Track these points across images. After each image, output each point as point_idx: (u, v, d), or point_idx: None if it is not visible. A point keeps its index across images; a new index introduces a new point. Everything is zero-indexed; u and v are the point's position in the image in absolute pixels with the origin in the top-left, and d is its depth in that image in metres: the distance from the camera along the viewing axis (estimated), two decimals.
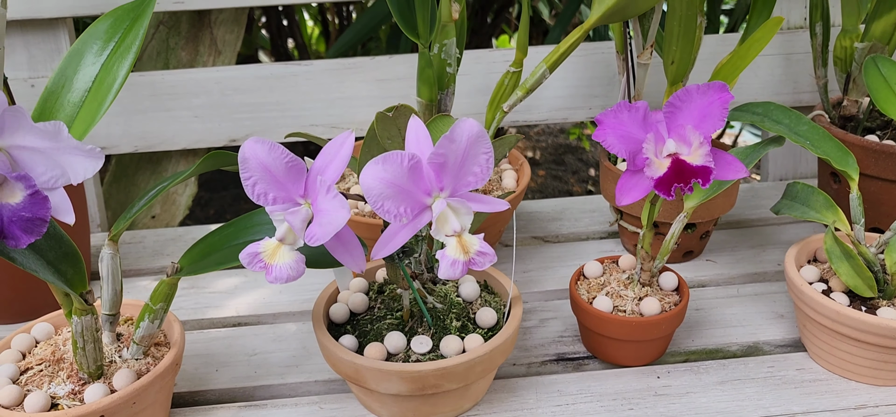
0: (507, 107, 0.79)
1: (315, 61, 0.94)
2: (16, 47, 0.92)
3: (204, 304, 0.80)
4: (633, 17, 0.77)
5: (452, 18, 0.75)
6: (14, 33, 0.91)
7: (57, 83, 0.57)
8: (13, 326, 0.77)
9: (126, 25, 0.59)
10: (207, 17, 0.98)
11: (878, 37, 0.76)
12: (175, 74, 0.93)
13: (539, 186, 2.23)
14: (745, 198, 0.97)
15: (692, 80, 0.91)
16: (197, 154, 1.00)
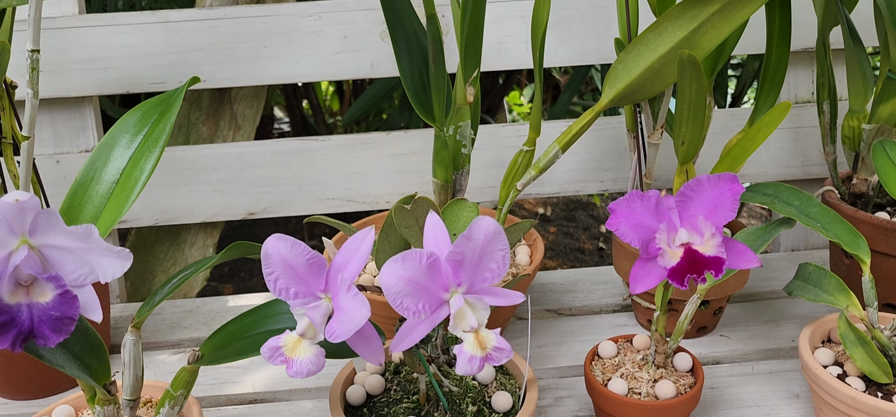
0: (520, 186, 0.80)
1: (332, 137, 0.97)
2: (43, 124, 0.94)
3: (221, 379, 0.81)
4: (643, 100, 0.79)
5: (467, 101, 0.78)
6: (41, 111, 0.94)
7: (86, 175, 0.60)
8: (33, 403, 0.78)
9: (154, 119, 0.61)
10: (228, 93, 1.01)
11: (885, 119, 0.77)
12: (195, 150, 0.96)
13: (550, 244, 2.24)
14: (757, 271, 0.97)
15: (702, 159, 0.93)
16: (216, 226, 1.02)
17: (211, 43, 0.93)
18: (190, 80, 0.63)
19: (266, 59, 0.94)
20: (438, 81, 0.73)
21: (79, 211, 0.58)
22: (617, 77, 0.75)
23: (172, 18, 0.93)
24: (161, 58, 0.93)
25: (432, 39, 0.69)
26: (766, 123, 0.73)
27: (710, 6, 0.68)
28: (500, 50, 0.96)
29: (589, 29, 0.96)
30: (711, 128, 0.95)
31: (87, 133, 0.96)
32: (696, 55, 0.69)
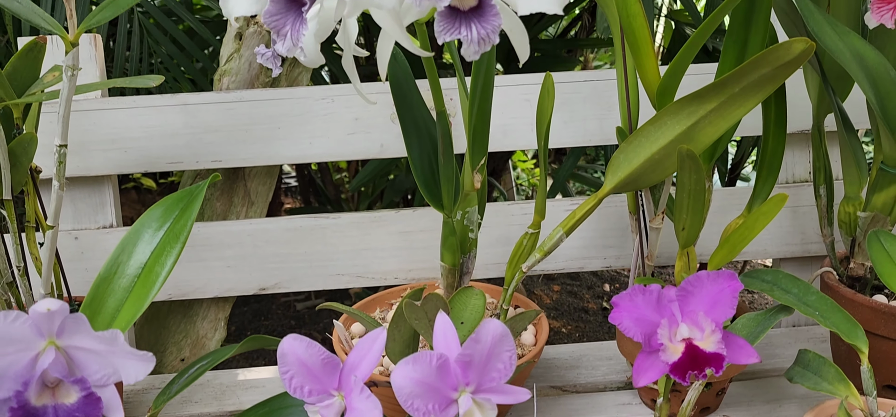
0: (526, 268, 0.82)
1: (342, 214, 1.00)
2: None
3: None
4: (644, 188, 0.81)
5: (475, 188, 0.80)
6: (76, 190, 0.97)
7: (110, 269, 0.62)
8: None
9: (176, 215, 0.64)
10: (242, 170, 1.04)
11: (879, 208, 0.79)
12: (210, 226, 0.98)
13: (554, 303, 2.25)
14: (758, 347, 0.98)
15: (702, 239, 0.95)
16: (228, 300, 1.04)
17: (227, 124, 0.97)
18: (212, 177, 0.66)
19: (280, 139, 0.97)
20: (447, 172, 0.75)
21: (101, 304, 0.61)
22: (619, 166, 0.78)
23: (191, 101, 0.96)
24: (179, 138, 0.97)
25: (442, 133, 0.72)
26: (763, 213, 0.76)
27: (707, 104, 0.71)
28: (505, 131, 0.99)
29: (591, 112, 0.99)
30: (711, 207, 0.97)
31: (105, 210, 0.99)
32: (694, 149, 0.72)
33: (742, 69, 0.67)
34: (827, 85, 0.81)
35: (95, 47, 0.94)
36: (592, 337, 2.00)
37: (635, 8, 0.73)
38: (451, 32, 0.52)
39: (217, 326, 1.03)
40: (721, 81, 0.69)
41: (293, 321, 2.07)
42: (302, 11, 0.52)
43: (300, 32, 0.52)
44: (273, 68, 0.57)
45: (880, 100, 0.75)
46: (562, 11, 0.53)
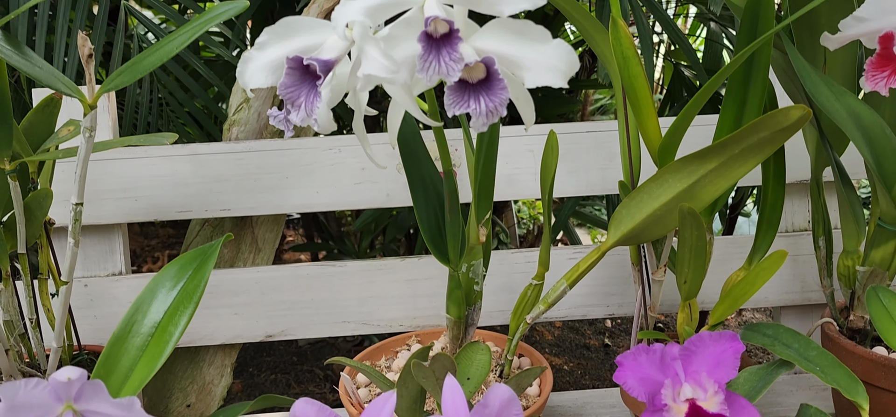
0: (530, 320, 0.84)
1: (349, 262, 1.01)
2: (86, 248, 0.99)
3: None
4: (646, 242, 0.83)
5: (480, 241, 0.82)
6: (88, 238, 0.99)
7: (124, 329, 0.63)
8: None
9: (189, 274, 0.65)
10: (249, 217, 1.06)
11: (877, 263, 0.81)
12: (218, 274, 1.00)
13: (556, 340, 2.25)
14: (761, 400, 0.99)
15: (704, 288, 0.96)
16: (234, 347, 1.05)
17: (236, 174, 0.99)
18: (225, 237, 0.68)
19: (288, 188, 0.99)
20: (454, 228, 0.77)
21: (115, 364, 0.62)
22: (622, 220, 0.79)
23: (201, 151, 0.98)
24: (189, 187, 0.98)
25: (449, 192, 0.74)
26: (763, 268, 0.77)
27: (708, 164, 0.72)
28: (510, 181, 1.01)
29: (593, 162, 1.01)
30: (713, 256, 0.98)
31: (115, 257, 1.00)
32: (695, 207, 0.74)
33: (742, 132, 0.69)
34: (824, 140, 0.83)
35: (109, 103, 0.96)
36: (594, 375, 2.01)
37: (636, 69, 0.75)
38: (460, 106, 0.53)
39: (223, 372, 1.04)
40: (721, 143, 0.70)
41: (295, 357, 2.07)
42: (316, 85, 0.54)
43: (314, 105, 0.54)
44: (285, 131, 0.59)
45: (877, 160, 0.76)
46: (567, 85, 0.55)
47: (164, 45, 0.66)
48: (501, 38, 0.55)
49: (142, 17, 1.25)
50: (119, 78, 0.66)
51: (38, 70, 0.65)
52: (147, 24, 1.25)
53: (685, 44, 1.43)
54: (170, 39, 0.66)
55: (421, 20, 0.53)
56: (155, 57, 0.66)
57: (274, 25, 0.56)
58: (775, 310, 1.08)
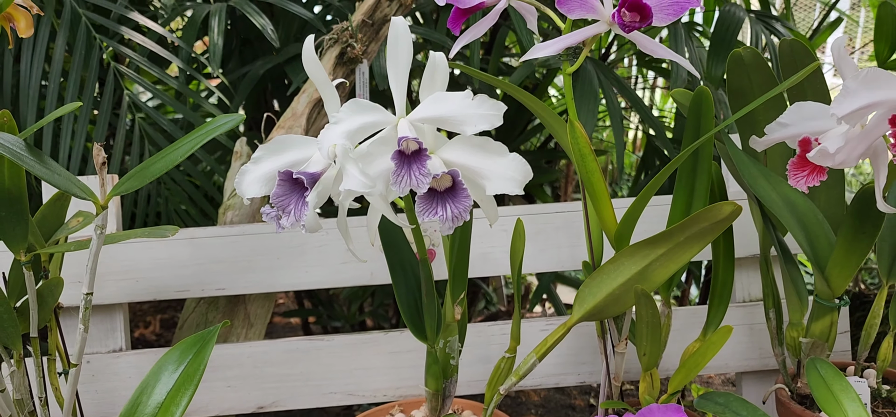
0: (503, 391, 0.90)
1: (335, 336, 1.08)
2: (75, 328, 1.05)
3: None
4: (608, 317, 0.90)
5: (455, 319, 0.89)
6: (74, 316, 1.05)
7: (130, 409, 0.70)
8: None
9: (189, 358, 0.72)
10: (243, 295, 1.13)
11: (817, 335, 0.89)
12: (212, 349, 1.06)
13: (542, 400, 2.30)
14: None
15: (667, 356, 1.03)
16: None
17: (231, 256, 1.06)
18: (222, 324, 0.75)
19: (279, 269, 1.06)
20: (431, 309, 0.84)
21: None
22: (584, 299, 0.87)
23: (198, 235, 1.06)
24: (186, 269, 1.06)
25: (425, 278, 0.82)
26: (713, 343, 0.85)
27: (658, 249, 0.80)
28: (485, 259, 1.08)
29: (563, 240, 1.09)
30: (675, 325, 1.06)
31: (116, 335, 1.07)
32: (648, 288, 0.81)
33: (685, 223, 0.77)
34: (767, 223, 0.92)
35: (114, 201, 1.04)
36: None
37: (592, 165, 0.83)
38: (429, 213, 0.62)
39: None
40: (668, 232, 0.79)
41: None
42: (304, 195, 0.62)
43: (303, 212, 0.62)
44: (276, 228, 0.67)
45: (810, 243, 0.85)
46: (522, 191, 0.63)
47: (169, 153, 0.74)
48: (465, 152, 0.64)
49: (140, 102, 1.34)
50: (128, 182, 0.74)
51: (57, 177, 0.73)
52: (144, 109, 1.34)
53: (652, 121, 1.53)
54: (175, 147, 0.74)
55: (394, 138, 0.62)
56: (161, 164, 0.74)
57: (267, 143, 0.65)
58: (737, 376, 1.15)
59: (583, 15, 0.72)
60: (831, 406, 0.79)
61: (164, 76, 1.32)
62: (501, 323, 1.10)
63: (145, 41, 1.34)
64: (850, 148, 0.67)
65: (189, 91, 1.40)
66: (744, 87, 0.87)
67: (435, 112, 0.62)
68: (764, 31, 1.60)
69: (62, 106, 1.28)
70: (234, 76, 1.61)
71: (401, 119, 0.63)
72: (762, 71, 0.85)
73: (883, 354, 0.94)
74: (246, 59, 1.71)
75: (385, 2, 1.30)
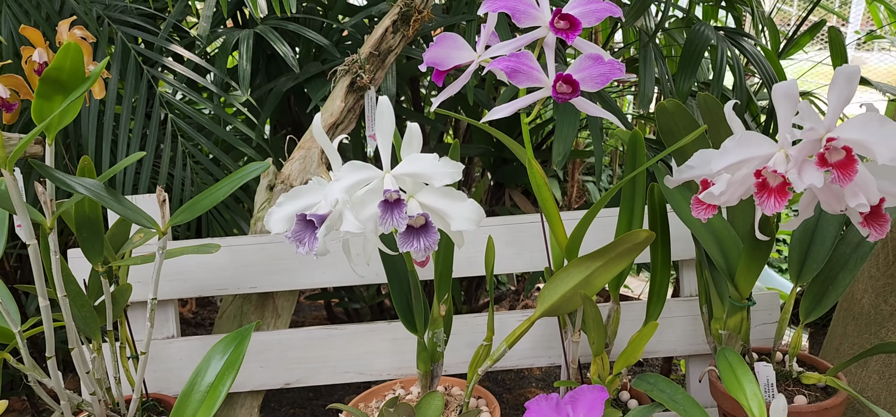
0: (481, 372, 1.13)
1: (347, 326, 1.31)
2: (138, 319, 1.29)
3: None
4: (564, 313, 1.12)
5: (441, 315, 1.11)
6: (139, 309, 1.29)
7: (188, 388, 0.93)
8: None
9: (231, 349, 0.95)
10: (271, 292, 1.36)
11: (732, 328, 1.09)
12: None
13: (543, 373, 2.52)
14: None
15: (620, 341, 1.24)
16: (260, 393, 1.35)
17: (261, 259, 1.29)
18: (256, 323, 0.97)
19: (301, 270, 1.29)
20: (418, 308, 1.06)
21: (184, 412, 0.92)
22: (544, 299, 1.08)
23: (235, 243, 1.29)
24: (225, 271, 1.29)
25: (413, 284, 1.04)
26: (643, 335, 1.05)
27: (597, 262, 1.01)
28: (470, 262, 1.30)
29: (535, 245, 1.31)
30: (630, 316, 1.27)
31: (169, 325, 1.30)
32: (591, 292, 1.03)
33: (614, 244, 0.98)
34: (694, 239, 1.12)
35: None
36: None
37: (547, 194, 1.04)
38: (407, 245, 0.83)
39: (252, 412, 1.34)
40: (602, 249, 1.00)
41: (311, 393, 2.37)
42: (315, 231, 0.84)
43: (314, 244, 0.84)
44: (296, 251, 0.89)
45: (723, 256, 1.05)
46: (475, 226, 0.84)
47: (214, 192, 0.97)
48: (435, 198, 0.85)
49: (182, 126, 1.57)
50: (182, 215, 0.97)
51: (129, 212, 0.96)
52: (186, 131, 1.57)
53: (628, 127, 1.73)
54: (219, 187, 0.97)
55: (381, 190, 0.83)
56: (208, 200, 0.96)
57: (288, 192, 0.87)
58: (687, 357, 1.36)
59: (530, 84, 0.92)
60: (734, 386, 1.00)
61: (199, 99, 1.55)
62: (486, 315, 1.32)
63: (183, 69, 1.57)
64: (731, 191, 0.87)
65: (223, 112, 1.63)
66: (672, 129, 1.07)
67: (411, 169, 0.84)
68: (730, 47, 1.77)
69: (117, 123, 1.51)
70: (260, 92, 1.84)
71: (386, 174, 0.85)
72: (684, 116, 1.05)
73: (794, 342, 1.15)
74: (271, 74, 1.92)
75: (390, 35, 1.50)
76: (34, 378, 1.01)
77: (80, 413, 1.09)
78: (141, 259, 1.07)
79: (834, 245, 1.10)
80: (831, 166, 0.79)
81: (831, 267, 1.11)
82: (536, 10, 0.91)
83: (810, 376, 1.12)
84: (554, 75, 0.90)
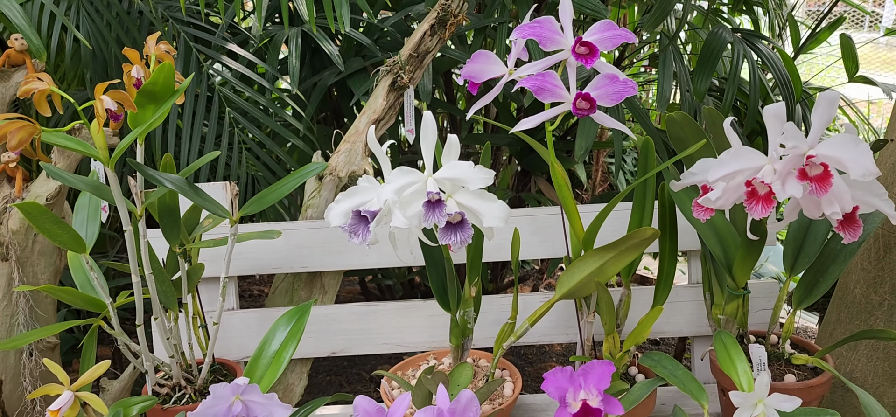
0: (506, 346, 1.28)
1: (387, 303, 1.47)
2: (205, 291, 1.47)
3: None
4: (580, 297, 1.26)
5: (471, 296, 1.27)
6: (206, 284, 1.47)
7: (257, 354, 1.10)
8: None
9: (294, 322, 1.11)
10: (320, 271, 1.53)
11: (729, 314, 1.23)
12: None
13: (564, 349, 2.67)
14: (666, 400, 1.42)
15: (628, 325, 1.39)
16: (309, 360, 1.52)
17: (311, 242, 1.45)
18: (312, 301, 1.14)
19: (347, 252, 1.45)
20: (452, 290, 1.22)
21: (253, 373, 1.09)
22: (563, 284, 1.23)
23: (288, 227, 1.45)
24: (280, 252, 1.45)
25: (448, 271, 1.19)
26: (649, 318, 1.20)
27: (609, 253, 1.16)
28: (499, 248, 1.45)
29: (557, 234, 1.45)
30: (640, 300, 1.41)
31: (230, 298, 1.48)
32: (603, 279, 1.17)
33: (623, 239, 1.12)
34: (699, 236, 1.26)
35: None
36: None
37: (566, 193, 1.18)
38: (446, 239, 0.98)
39: (302, 377, 1.51)
40: (614, 243, 1.14)
41: (346, 362, 2.55)
42: (368, 224, 1.00)
43: (367, 236, 1.00)
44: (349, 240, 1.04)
45: (723, 250, 1.19)
46: (504, 224, 0.99)
47: (278, 187, 1.13)
48: (470, 199, 1.00)
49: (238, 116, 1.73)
50: (251, 207, 1.13)
51: (207, 203, 1.12)
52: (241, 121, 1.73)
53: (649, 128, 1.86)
54: (283, 183, 1.13)
55: (424, 191, 0.98)
56: (274, 194, 1.12)
57: (346, 191, 1.02)
58: (692, 339, 1.50)
59: (554, 100, 1.06)
60: (727, 364, 1.14)
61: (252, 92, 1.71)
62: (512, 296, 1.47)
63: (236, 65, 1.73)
64: (726, 197, 1.00)
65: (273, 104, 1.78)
66: (682, 137, 1.20)
67: (451, 174, 0.99)
68: (748, 49, 1.89)
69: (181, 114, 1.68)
70: (306, 85, 1.99)
71: (429, 178, 1.00)
72: (691, 126, 1.18)
73: (787, 326, 1.28)
74: (315, 68, 2.08)
75: (428, 37, 1.64)
76: (123, 341, 1.18)
77: (159, 372, 1.27)
78: (212, 242, 1.24)
79: (825, 241, 1.23)
80: (810, 180, 0.92)
81: (822, 261, 1.24)
82: (560, 36, 1.05)
83: (800, 357, 1.25)
84: (575, 93, 1.04)
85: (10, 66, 1.46)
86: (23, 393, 1.52)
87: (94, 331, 1.19)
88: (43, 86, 1.00)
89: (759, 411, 1.01)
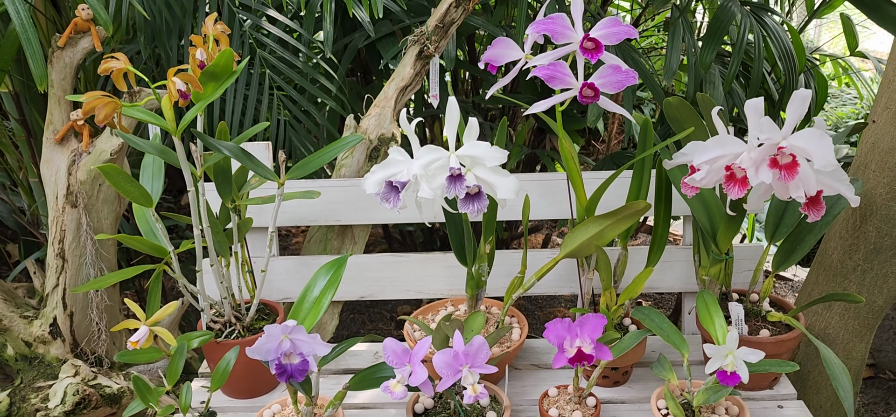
0: (515, 297, 1.46)
1: (411, 254, 1.65)
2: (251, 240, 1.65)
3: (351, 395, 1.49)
4: (582, 256, 1.43)
5: (486, 252, 1.44)
6: (254, 234, 1.65)
7: (301, 298, 1.28)
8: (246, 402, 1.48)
9: (332, 272, 1.29)
10: (351, 225, 1.70)
11: (713, 275, 1.39)
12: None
13: (571, 298, 2.85)
14: (654, 348, 1.59)
15: (624, 281, 1.56)
16: (340, 303, 1.71)
17: (344, 198, 1.63)
18: (349, 253, 1.31)
19: (376, 208, 1.62)
20: (469, 248, 1.39)
21: (297, 315, 1.27)
22: (567, 244, 1.40)
23: (323, 185, 1.62)
24: (316, 206, 1.63)
25: (466, 232, 1.36)
26: (642, 276, 1.36)
27: (607, 221, 1.31)
28: (512, 208, 1.62)
29: (565, 197, 1.61)
30: (636, 259, 1.58)
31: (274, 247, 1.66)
32: (602, 242, 1.33)
33: (620, 209, 1.28)
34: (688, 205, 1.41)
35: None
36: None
37: (573, 166, 1.34)
38: (465, 207, 1.15)
39: (334, 317, 1.70)
40: (611, 212, 1.30)
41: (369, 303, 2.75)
42: (398, 192, 1.17)
43: (397, 202, 1.17)
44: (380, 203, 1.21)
45: (709, 220, 1.34)
46: (515, 196, 1.15)
47: (321, 155, 1.29)
48: (487, 174, 1.16)
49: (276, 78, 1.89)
50: (296, 171, 1.30)
51: (258, 168, 1.29)
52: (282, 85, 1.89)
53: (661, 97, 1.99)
54: (325, 152, 1.29)
55: (447, 166, 1.14)
56: (316, 161, 1.29)
57: (380, 163, 1.18)
58: (681, 294, 1.66)
59: (563, 87, 1.21)
60: (707, 320, 1.31)
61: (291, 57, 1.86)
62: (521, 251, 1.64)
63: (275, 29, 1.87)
64: (709, 177, 1.15)
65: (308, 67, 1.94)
66: (678, 118, 1.35)
67: (470, 152, 1.15)
68: (755, 22, 2.00)
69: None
70: (337, 47, 2.14)
71: (452, 155, 1.15)
72: (686, 109, 1.33)
73: (765, 287, 1.44)
74: (346, 30, 2.22)
75: (453, 9, 1.78)
76: (183, 283, 1.37)
77: (212, 308, 1.46)
78: (260, 199, 1.41)
79: (802, 214, 1.38)
80: (780, 167, 1.07)
81: (800, 231, 1.39)
82: (571, 31, 1.19)
83: (775, 315, 1.42)
84: (582, 82, 1.19)
85: (75, 32, 1.62)
86: (90, 323, 1.73)
87: (159, 274, 1.38)
88: (120, 65, 1.17)
89: (729, 361, 1.18)
